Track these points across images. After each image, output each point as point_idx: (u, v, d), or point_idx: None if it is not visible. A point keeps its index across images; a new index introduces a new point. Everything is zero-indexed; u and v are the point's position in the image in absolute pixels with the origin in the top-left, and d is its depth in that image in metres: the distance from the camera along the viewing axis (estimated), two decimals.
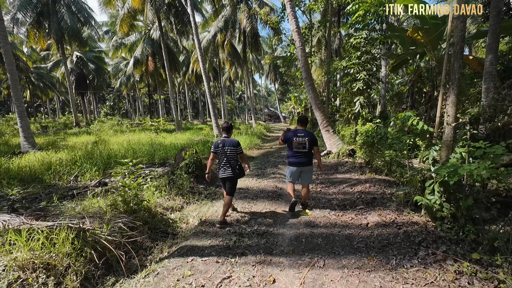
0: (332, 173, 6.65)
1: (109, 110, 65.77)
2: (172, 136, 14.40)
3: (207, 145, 10.31)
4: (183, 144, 10.63)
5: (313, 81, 8.34)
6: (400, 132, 4.68)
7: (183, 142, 11.55)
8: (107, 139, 12.66)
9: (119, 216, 3.47)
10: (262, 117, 56.96)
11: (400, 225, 3.45)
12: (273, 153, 10.98)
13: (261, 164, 8.57)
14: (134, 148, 9.19)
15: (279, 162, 8.65)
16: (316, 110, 8.28)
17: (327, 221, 3.81)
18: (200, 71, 27.00)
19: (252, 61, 38.76)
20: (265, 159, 9.51)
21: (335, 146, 8.01)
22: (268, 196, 5.08)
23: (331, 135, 8.13)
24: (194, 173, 5.93)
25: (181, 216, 4.35)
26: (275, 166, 8.01)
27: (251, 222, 3.85)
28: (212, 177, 6.91)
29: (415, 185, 3.87)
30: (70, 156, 7.24)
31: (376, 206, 4.16)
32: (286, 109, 42.91)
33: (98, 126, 21.00)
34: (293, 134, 4.11)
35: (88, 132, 16.55)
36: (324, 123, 8.23)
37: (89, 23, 21.22)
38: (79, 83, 27.27)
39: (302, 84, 24.30)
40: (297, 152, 4.08)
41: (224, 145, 3.86)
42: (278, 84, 51.94)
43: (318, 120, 8.41)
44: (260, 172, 7.28)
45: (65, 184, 5.77)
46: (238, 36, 24.91)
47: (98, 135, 13.25)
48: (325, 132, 8.23)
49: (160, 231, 3.84)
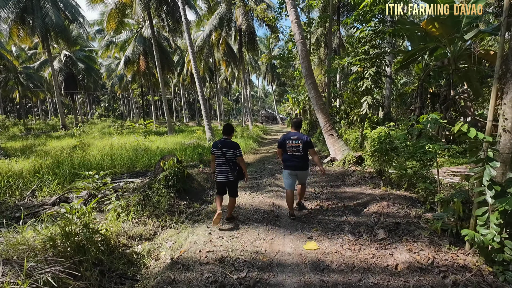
0: (339, 186, 5.70)
1: (104, 111, 64.54)
2: (162, 139, 13.40)
3: (197, 150, 9.33)
4: (171, 149, 9.68)
5: (314, 79, 7.43)
6: (424, 139, 3.75)
7: (172, 146, 10.58)
8: (91, 142, 11.64)
9: (53, 260, 2.48)
10: (259, 118, 56.06)
11: (444, 270, 2.50)
12: (270, 159, 10.02)
13: (256, 172, 7.61)
14: (114, 154, 8.19)
15: (276, 170, 7.70)
16: (318, 111, 7.36)
17: (341, 260, 2.85)
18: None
19: (249, 61, 37.90)
20: (261, 166, 8.55)
21: (340, 152, 7.08)
22: (263, 218, 4.11)
23: (335, 139, 7.20)
24: (175, 186, 4.95)
25: (151, 248, 3.36)
26: (272, 175, 7.05)
27: (239, 262, 2.87)
28: (198, 189, 5.96)
29: (456, 211, 2.93)
30: (33, 164, 6.21)
31: (402, 236, 3.21)
32: (283, 111, 42.05)
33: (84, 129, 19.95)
34: (286, 137, 4.06)
35: (73, 135, 15.48)
36: (327, 126, 7.31)
37: (77, 21, 20.13)
38: (68, 83, 26.13)
39: (300, 85, 23.46)
40: (292, 155, 4.00)
41: (222, 146, 3.74)
42: (276, 85, 51.15)
43: (320, 122, 7.49)
44: (254, 183, 6.31)
45: (17, 201, 4.75)
46: (234, 35, 24.04)
47: (80, 139, 12.20)
48: (329, 136, 7.30)
49: (117, 274, 2.86)
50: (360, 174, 5.97)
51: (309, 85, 7.33)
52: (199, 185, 5.90)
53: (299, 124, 4.18)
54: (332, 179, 6.17)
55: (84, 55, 26.91)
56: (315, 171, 7.04)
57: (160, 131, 19.70)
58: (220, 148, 3.72)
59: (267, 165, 8.73)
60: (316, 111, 7.38)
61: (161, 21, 19.41)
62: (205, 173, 6.95)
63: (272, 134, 24.49)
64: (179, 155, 8.24)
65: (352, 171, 6.32)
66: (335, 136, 7.23)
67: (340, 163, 6.93)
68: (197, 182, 5.92)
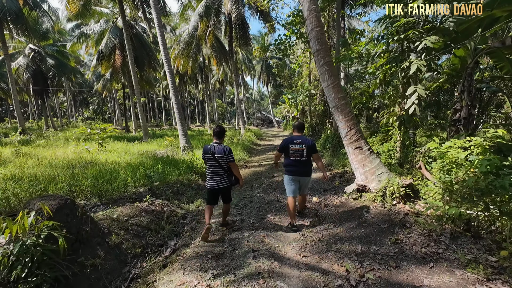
0: (393, 256, 2.85)
1: (93, 114, 61.23)
2: (128, 147, 10.46)
3: (168, 168, 6.47)
4: (133, 164, 6.57)
5: (331, 57, 4.61)
6: None
7: (135, 160, 7.46)
8: (35, 152, 8.62)
9: None
10: (254, 121, 53.36)
11: None
12: (261, 177, 7.19)
13: (237, 208, 4.78)
14: (31, 173, 5.24)
15: (271, 201, 4.89)
16: (336, 110, 4.55)
17: None
18: (182, 69, 23.24)
19: (242, 60, 35.21)
20: (246, 194, 5.71)
21: (375, 177, 4.27)
22: None
23: (366, 156, 4.38)
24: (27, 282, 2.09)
25: None
26: (262, 217, 4.23)
27: None
28: (107, 267, 2.99)
29: None
30: None
31: None
32: (279, 113, 39.31)
33: (48, 134, 16.93)
34: (289, 141, 3.74)
35: (23, 142, 12.43)
36: (351, 134, 4.50)
37: (39, 8, 17.24)
38: (37, 81, 23.02)
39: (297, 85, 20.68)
40: (296, 161, 3.67)
41: (214, 151, 3.44)
42: (271, 87, 48.55)
43: (340, 128, 4.67)
44: (226, 244, 3.40)
45: None
46: (224, 29, 21.37)
47: (17, 148, 9.17)
48: (355, 150, 4.48)
49: None
50: (423, 225, 3.17)
51: (322, 67, 4.52)
52: (116, 254, 3.01)
53: (302, 126, 3.85)
54: (372, 233, 3.34)
55: (56, 50, 23.85)
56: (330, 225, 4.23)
57: (136, 137, 16.78)
58: (212, 153, 3.43)
59: (255, 190, 5.89)
60: (334, 110, 4.56)
61: (135, 9, 16.62)
62: (151, 213, 4.10)
63: (267, 139, 21.66)
64: (126, 175, 5.38)
65: (403, 217, 3.52)
66: (365, 149, 4.42)
67: (377, 197, 4.13)
68: (111, 247, 3.03)
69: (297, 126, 3.83)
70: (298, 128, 3.83)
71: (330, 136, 9.77)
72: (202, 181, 6.67)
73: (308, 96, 15.74)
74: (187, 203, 5.11)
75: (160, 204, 4.62)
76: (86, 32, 19.65)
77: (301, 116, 20.52)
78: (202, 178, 6.86)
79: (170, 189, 5.40)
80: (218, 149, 3.44)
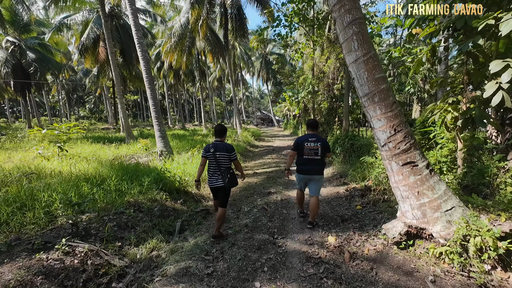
0: None
1: (88, 113, 59.46)
2: (103, 151, 8.70)
3: (126, 183, 4.68)
4: (90, 175, 4.81)
5: (362, 13, 2.83)
6: None
7: (93, 169, 5.65)
8: None
9: None
10: (254, 120, 51.52)
11: None
12: (254, 193, 5.41)
13: (209, 256, 3.02)
14: None
15: (262, 250, 3.17)
16: (370, 101, 2.70)
17: None
18: (176, 64, 21.44)
19: (240, 55, 33.33)
20: (230, 225, 3.94)
21: (439, 213, 2.49)
22: None
23: (425, 176, 2.57)
24: None
25: None
26: (243, 278, 2.47)
27: None
28: None
29: None
30: None
31: None
32: (280, 111, 37.46)
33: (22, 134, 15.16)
34: (303, 139, 3.59)
35: None
36: (397, 139, 2.67)
37: None
38: (17, 77, 21.24)
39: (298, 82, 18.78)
40: (309, 159, 3.54)
41: (215, 150, 3.34)
42: (271, 85, 46.64)
43: (375, 128, 2.83)
44: None
45: None
46: (219, 20, 19.54)
47: None
48: (403, 166, 2.66)
49: None
50: None
51: (347, 28, 2.59)
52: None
53: (316, 124, 3.70)
54: None
55: (38, 43, 22.04)
56: None
57: (118, 137, 15.01)
58: (213, 152, 3.33)
59: (244, 219, 4.09)
60: (366, 100, 2.65)
61: None
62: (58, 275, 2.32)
63: (266, 139, 19.84)
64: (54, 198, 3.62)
65: None
66: (421, 167, 2.55)
67: (449, 254, 2.34)
68: None
69: (310, 124, 3.68)
70: (312, 126, 3.68)
71: (340, 138, 7.97)
72: (172, 201, 4.87)
73: (311, 93, 13.93)
74: (135, 245, 3.33)
75: (84, 253, 2.85)
76: (67, 22, 17.82)
77: (303, 115, 18.72)
78: (173, 196, 5.06)
79: (115, 221, 3.62)
80: (220, 147, 3.36)
